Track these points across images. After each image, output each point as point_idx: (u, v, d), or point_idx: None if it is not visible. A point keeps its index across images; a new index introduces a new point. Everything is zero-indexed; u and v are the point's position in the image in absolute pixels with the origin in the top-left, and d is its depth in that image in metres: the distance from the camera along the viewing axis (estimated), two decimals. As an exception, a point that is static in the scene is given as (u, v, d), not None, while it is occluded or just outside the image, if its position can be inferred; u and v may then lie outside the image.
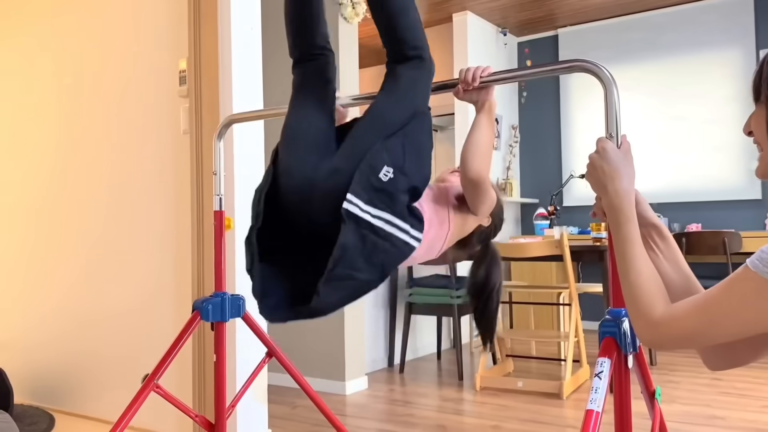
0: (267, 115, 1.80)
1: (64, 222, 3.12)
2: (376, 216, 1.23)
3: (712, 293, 0.99)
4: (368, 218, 1.22)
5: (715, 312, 0.97)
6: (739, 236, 4.36)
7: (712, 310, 0.98)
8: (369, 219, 1.22)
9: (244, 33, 2.63)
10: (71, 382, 3.06)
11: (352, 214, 1.21)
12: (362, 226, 1.21)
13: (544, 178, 5.97)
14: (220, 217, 1.86)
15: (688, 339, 1.01)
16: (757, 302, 0.93)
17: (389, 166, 1.25)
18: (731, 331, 0.97)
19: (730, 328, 0.96)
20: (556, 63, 1.35)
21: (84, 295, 3.02)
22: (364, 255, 1.22)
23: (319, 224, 1.28)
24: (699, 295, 1.02)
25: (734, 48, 5.14)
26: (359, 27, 3.94)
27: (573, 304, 3.58)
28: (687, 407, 3.16)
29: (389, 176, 1.24)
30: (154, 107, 2.80)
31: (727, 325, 0.96)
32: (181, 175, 2.66)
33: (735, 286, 0.96)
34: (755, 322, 0.94)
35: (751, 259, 0.96)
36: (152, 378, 1.62)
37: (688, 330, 1.00)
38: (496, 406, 3.28)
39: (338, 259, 1.21)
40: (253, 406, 2.57)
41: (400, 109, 1.33)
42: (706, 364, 1.19)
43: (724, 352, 1.15)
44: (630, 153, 1.23)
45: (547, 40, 6.03)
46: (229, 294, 1.82)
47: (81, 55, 3.09)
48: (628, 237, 1.13)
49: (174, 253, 2.67)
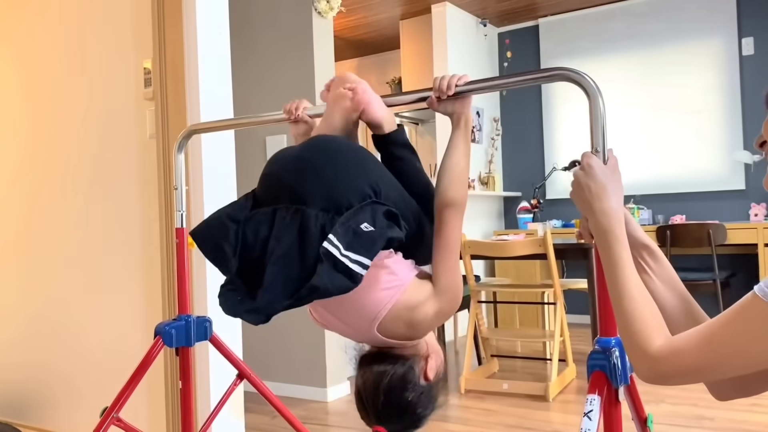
0: (232, 125, 1.69)
1: (31, 234, 2.98)
2: (354, 261, 1.15)
3: (717, 324, 0.89)
4: (346, 262, 1.14)
5: (722, 345, 0.87)
6: (723, 228, 4.31)
7: (719, 343, 0.88)
8: (347, 263, 1.14)
9: (211, 33, 2.50)
10: (39, 398, 2.94)
11: (330, 254, 1.13)
12: (339, 268, 1.13)
13: (526, 171, 5.89)
14: (183, 234, 1.74)
15: (692, 374, 0.91)
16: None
17: (371, 225, 1.18)
18: (741, 364, 0.87)
19: (739, 362, 0.87)
20: (537, 71, 1.25)
21: (53, 311, 2.89)
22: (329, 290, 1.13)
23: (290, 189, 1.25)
24: (703, 326, 0.92)
25: (716, 37, 5.07)
26: (334, 20, 3.82)
27: (558, 304, 3.51)
28: (675, 407, 3.11)
29: (371, 228, 1.18)
30: (119, 110, 2.66)
31: (736, 359, 0.87)
32: (148, 184, 2.54)
33: (743, 316, 0.86)
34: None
35: (759, 286, 0.86)
36: (111, 411, 1.51)
37: (692, 365, 0.89)
38: (481, 411, 3.20)
39: (302, 297, 1.14)
40: (229, 421, 2.47)
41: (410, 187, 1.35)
42: (712, 394, 1.10)
43: (733, 382, 1.06)
44: (617, 169, 1.14)
45: (528, 31, 5.93)
46: (194, 316, 1.71)
47: (42, 53, 2.94)
48: (619, 260, 1.03)
49: (143, 267, 2.55)
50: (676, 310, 1.11)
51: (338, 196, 1.21)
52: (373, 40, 6.30)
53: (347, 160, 1.27)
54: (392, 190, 1.30)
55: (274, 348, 3.61)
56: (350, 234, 1.15)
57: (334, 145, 1.31)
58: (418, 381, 1.30)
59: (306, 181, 1.23)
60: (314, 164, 1.25)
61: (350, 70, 6.63)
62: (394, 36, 6.05)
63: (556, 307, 3.53)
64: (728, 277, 4.46)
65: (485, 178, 5.74)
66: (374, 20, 5.77)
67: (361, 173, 1.26)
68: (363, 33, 6.09)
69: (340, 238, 1.14)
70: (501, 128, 5.99)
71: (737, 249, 4.75)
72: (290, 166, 1.27)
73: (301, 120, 1.56)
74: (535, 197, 5.51)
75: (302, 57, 3.57)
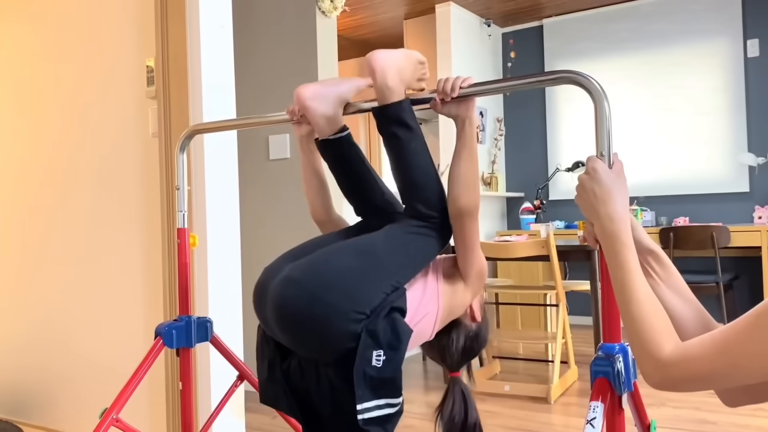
0: (234, 125, 1.68)
1: (31, 233, 2.98)
2: (385, 405, 1.24)
3: (733, 330, 0.87)
4: (379, 413, 1.23)
5: (737, 352, 0.85)
6: (727, 230, 4.29)
7: (733, 349, 0.85)
8: (382, 413, 1.23)
9: (214, 31, 2.49)
10: (41, 398, 2.94)
11: (369, 419, 1.22)
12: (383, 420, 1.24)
13: (529, 172, 5.88)
14: (184, 234, 1.73)
15: (703, 381, 0.89)
16: None
17: (378, 349, 1.22)
18: (757, 372, 0.85)
19: (755, 370, 0.84)
20: (543, 74, 1.24)
21: (54, 310, 2.89)
22: None
23: (273, 333, 1.31)
24: (716, 332, 0.90)
25: (721, 38, 5.05)
26: (338, 19, 3.81)
27: (560, 306, 3.50)
28: (677, 411, 3.09)
29: (382, 358, 1.22)
30: (121, 109, 2.65)
31: (751, 366, 0.84)
32: (150, 183, 2.53)
33: (760, 321, 0.84)
34: None
35: None
36: (110, 412, 1.51)
37: (704, 371, 0.88)
38: (482, 413, 3.17)
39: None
40: (230, 422, 2.46)
41: (393, 260, 1.30)
42: (722, 400, 1.08)
43: (746, 388, 1.04)
44: (623, 173, 1.13)
45: (532, 31, 5.91)
46: (195, 317, 1.70)
47: (44, 51, 2.93)
48: (626, 265, 1.02)
49: (145, 267, 2.54)
50: (683, 316, 1.10)
51: (334, 345, 1.23)
52: (376, 40, 6.28)
53: (337, 293, 1.20)
54: (387, 262, 1.28)
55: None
56: (367, 381, 1.20)
57: (323, 273, 1.23)
58: (470, 331, 1.51)
59: (296, 342, 1.27)
60: (298, 317, 1.22)
61: (353, 70, 6.62)
62: (397, 36, 6.04)
63: (558, 308, 3.51)
64: (731, 280, 4.44)
65: (488, 179, 5.72)
66: (378, 20, 5.76)
67: (351, 298, 1.21)
68: (367, 32, 6.08)
69: (362, 392, 1.20)
70: (504, 128, 5.97)
71: (741, 252, 4.73)
72: (275, 318, 1.26)
73: (304, 121, 1.55)
74: (538, 198, 5.49)
75: (306, 56, 3.56)
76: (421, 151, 1.34)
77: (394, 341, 1.22)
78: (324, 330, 1.20)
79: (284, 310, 1.22)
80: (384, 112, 1.34)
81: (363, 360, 1.19)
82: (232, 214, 2.44)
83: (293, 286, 1.22)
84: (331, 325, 1.19)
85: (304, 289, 1.20)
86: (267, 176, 3.64)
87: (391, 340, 1.21)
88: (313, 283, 1.20)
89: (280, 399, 1.35)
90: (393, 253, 1.28)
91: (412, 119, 1.35)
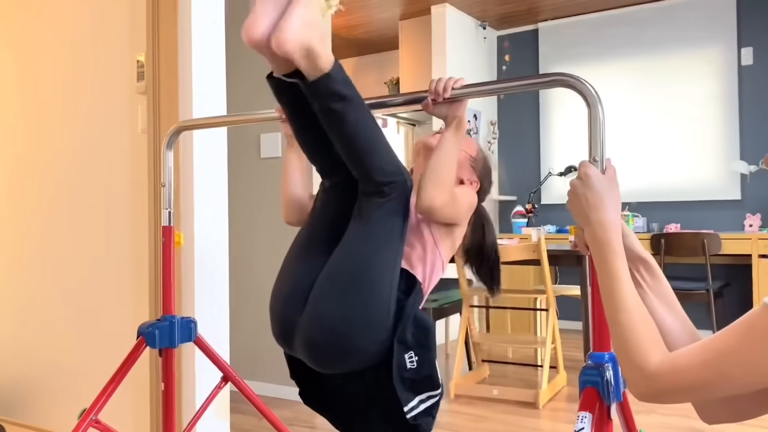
0: (222, 122, 1.65)
1: (15, 229, 2.93)
2: (427, 398, 1.31)
3: (723, 337, 0.85)
4: (424, 406, 1.30)
5: (727, 360, 0.83)
6: (718, 237, 4.29)
7: (723, 358, 0.83)
8: (426, 405, 1.30)
9: (206, 27, 2.46)
10: (25, 395, 2.89)
11: (418, 414, 1.28)
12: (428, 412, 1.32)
13: (522, 175, 5.87)
14: (169, 232, 1.70)
15: (691, 392, 0.87)
16: None
17: (409, 350, 1.27)
18: (746, 381, 0.83)
19: (745, 379, 0.82)
20: (537, 76, 1.22)
21: (39, 308, 2.85)
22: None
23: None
24: (706, 341, 0.88)
25: (716, 45, 5.06)
26: (332, 18, 3.78)
27: (550, 310, 3.48)
28: (666, 418, 3.08)
29: (415, 359, 1.27)
30: (111, 104, 2.61)
31: (741, 375, 0.82)
32: (138, 180, 2.49)
33: (752, 330, 0.82)
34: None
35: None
36: (89, 413, 1.48)
37: (693, 381, 0.85)
38: (470, 417, 3.17)
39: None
40: (214, 423, 2.43)
41: (381, 264, 1.28)
42: (700, 416, 1.06)
43: (725, 404, 1.02)
44: (615, 179, 1.11)
45: (527, 35, 5.90)
46: (179, 317, 1.67)
47: (35, 43, 2.89)
48: (616, 273, 1.00)
49: (131, 265, 2.50)
50: (671, 327, 1.08)
51: (365, 360, 1.28)
52: (372, 40, 6.26)
53: (358, 333, 1.25)
54: (379, 273, 1.27)
55: (262, 348, 3.57)
56: (407, 385, 1.26)
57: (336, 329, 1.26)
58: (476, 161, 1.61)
59: (332, 367, 1.31)
60: (336, 365, 1.30)
61: (348, 69, 6.59)
62: (393, 36, 6.02)
63: (548, 313, 3.50)
64: (721, 288, 4.44)
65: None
66: (374, 19, 5.74)
67: (371, 326, 1.25)
68: (362, 32, 6.05)
69: (405, 396, 1.26)
70: (498, 131, 5.96)
71: (731, 259, 4.74)
72: (312, 364, 1.32)
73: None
74: (530, 202, 5.48)
75: (299, 54, 3.52)
76: (362, 118, 1.23)
77: (422, 339, 1.28)
78: (362, 359, 1.28)
79: (320, 365, 1.31)
80: (314, 90, 1.21)
81: (399, 367, 1.26)
82: (221, 212, 2.40)
83: (318, 347, 1.27)
84: (366, 354, 1.27)
85: (329, 347, 1.26)
86: (258, 175, 3.61)
87: (419, 338, 1.28)
88: (334, 339, 1.26)
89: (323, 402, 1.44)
90: (377, 259, 1.26)
91: (347, 86, 1.22)
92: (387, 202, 1.26)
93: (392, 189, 1.25)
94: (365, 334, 1.24)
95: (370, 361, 1.28)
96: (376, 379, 1.32)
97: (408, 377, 1.26)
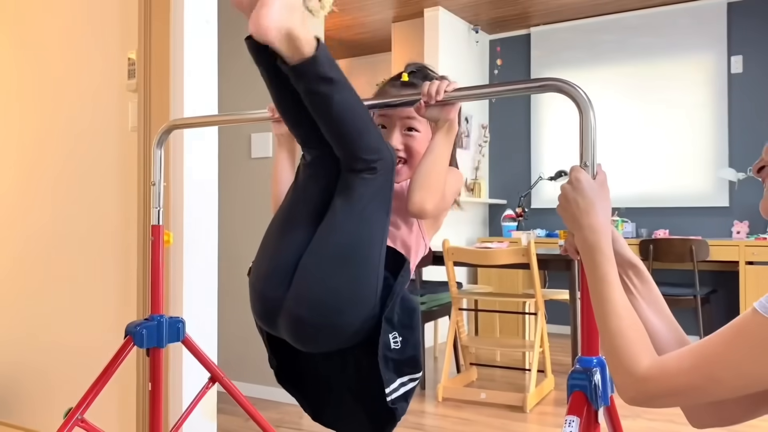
0: (214, 121, 1.64)
1: (3, 227, 2.91)
2: (408, 381, 1.30)
3: (712, 341, 0.86)
4: (404, 390, 1.29)
5: (717, 364, 0.84)
6: (706, 244, 4.32)
7: (713, 361, 0.84)
8: (406, 389, 1.30)
9: (198, 25, 2.45)
10: (10, 395, 2.86)
11: (397, 398, 1.28)
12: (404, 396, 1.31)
13: (513, 179, 5.88)
14: (158, 232, 1.69)
15: (680, 396, 0.88)
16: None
17: (393, 331, 1.26)
18: (735, 385, 0.84)
19: (734, 383, 0.83)
20: (529, 81, 1.22)
21: (26, 306, 2.82)
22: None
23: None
24: (695, 345, 0.89)
25: (706, 53, 5.09)
26: (326, 20, 3.77)
27: (539, 314, 3.49)
28: (651, 423, 3.10)
29: (399, 339, 1.26)
30: (101, 101, 2.60)
31: (730, 379, 0.83)
32: (128, 178, 2.48)
33: (742, 333, 0.83)
34: (766, 376, 0.82)
35: (759, 302, 0.82)
36: (75, 412, 1.46)
37: (683, 385, 0.86)
38: (457, 420, 3.17)
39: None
40: (201, 424, 2.41)
41: (367, 241, 1.26)
42: (689, 421, 1.07)
43: (713, 408, 1.03)
44: (606, 185, 1.11)
45: (519, 39, 5.92)
46: (167, 317, 1.66)
47: (25, 38, 2.86)
48: (606, 278, 1.00)
49: (120, 264, 2.49)
50: (660, 332, 1.09)
51: (350, 338, 1.27)
52: (365, 42, 6.26)
53: (346, 310, 1.23)
54: (364, 250, 1.25)
55: (251, 349, 3.55)
56: (390, 365, 1.25)
57: (326, 303, 1.24)
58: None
59: (316, 344, 1.30)
60: (321, 342, 1.29)
61: (340, 71, 6.59)
62: (386, 38, 6.02)
63: (537, 317, 3.51)
64: (709, 294, 4.47)
65: (471, 185, 5.72)
66: (367, 21, 5.74)
67: (359, 303, 1.23)
68: (355, 33, 6.05)
69: (388, 376, 1.25)
70: (489, 135, 5.98)
71: (719, 266, 4.77)
72: (297, 343, 1.30)
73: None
74: (520, 206, 5.50)
75: (291, 55, 3.52)
76: (347, 98, 1.21)
77: (406, 320, 1.27)
78: (348, 336, 1.26)
79: (305, 342, 1.29)
80: (298, 74, 1.17)
81: (384, 346, 1.24)
82: (211, 212, 2.39)
83: (305, 325, 1.25)
84: (352, 330, 1.25)
85: (316, 325, 1.24)
86: (248, 175, 3.59)
87: (403, 319, 1.27)
88: (322, 316, 1.24)
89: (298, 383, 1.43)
90: (366, 234, 1.24)
91: (332, 68, 1.19)
92: (375, 179, 1.24)
93: (381, 165, 1.24)
94: (354, 310, 1.22)
95: (355, 339, 1.26)
96: (356, 361, 1.31)
97: (392, 357, 1.26)
